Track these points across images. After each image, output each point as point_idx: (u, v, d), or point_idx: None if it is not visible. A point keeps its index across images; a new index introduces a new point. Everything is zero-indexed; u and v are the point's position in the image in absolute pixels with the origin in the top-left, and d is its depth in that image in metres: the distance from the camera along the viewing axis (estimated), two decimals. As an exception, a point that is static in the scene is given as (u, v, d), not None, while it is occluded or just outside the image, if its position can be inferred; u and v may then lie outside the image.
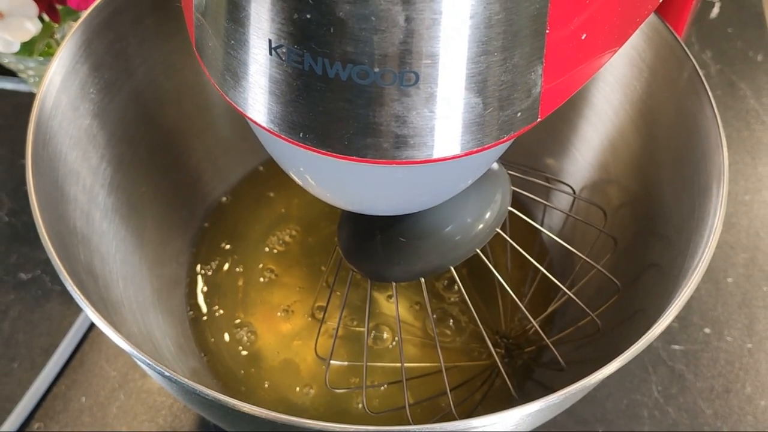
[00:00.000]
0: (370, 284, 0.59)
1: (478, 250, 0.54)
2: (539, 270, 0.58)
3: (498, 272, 0.57)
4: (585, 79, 0.38)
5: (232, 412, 0.40)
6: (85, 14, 0.54)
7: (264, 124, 0.36)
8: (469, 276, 0.70)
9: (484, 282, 0.69)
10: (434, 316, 0.69)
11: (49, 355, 0.69)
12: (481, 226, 0.54)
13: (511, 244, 0.58)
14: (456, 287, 0.71)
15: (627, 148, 0.61)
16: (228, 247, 0.72)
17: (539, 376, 0.65)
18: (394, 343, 0.68)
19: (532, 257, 0.58)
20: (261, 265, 0.72)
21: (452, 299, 0.70)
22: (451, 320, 0.69)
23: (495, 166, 0.55)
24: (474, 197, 0.54)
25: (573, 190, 0.67)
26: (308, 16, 0.32)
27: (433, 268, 0.55)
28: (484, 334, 0.58)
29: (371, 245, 0.56)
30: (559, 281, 0.58)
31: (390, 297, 0.70)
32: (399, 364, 0.66)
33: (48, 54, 0.71)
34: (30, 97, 0.83)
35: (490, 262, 0.56)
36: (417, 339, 0.69)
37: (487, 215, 0.54)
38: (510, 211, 0.55)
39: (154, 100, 0.63)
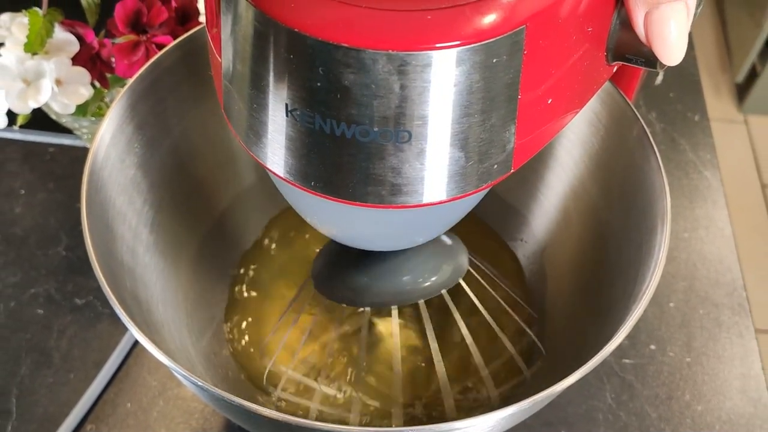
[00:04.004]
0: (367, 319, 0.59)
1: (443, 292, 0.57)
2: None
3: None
4: (551, 136, 0.38)
5: (254, 416, 0.40)
6: (130, 81, 0.54)
7: (281, 175, 0.36)
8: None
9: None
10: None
11: (99, 368, 0.69)
12: (427, 284, 0.56)
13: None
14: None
15: (586, 194, 0.61)
16: (252, 275, 0.72)
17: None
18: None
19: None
20: (283, 293, 0.71)
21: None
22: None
23: (449, 240, 0.58)
24: (432, 260, 0.57)
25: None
26: (319, 84, 0.32)
27: (382, 303, 0.57)
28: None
29: (338, 278, 0.58)
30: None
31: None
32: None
33: (99, 115, 0.71)
34: (84, 151, 0.83)
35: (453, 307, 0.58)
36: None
37: (434, 278, 0.57)
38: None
39: (188, 153, 0.63)
